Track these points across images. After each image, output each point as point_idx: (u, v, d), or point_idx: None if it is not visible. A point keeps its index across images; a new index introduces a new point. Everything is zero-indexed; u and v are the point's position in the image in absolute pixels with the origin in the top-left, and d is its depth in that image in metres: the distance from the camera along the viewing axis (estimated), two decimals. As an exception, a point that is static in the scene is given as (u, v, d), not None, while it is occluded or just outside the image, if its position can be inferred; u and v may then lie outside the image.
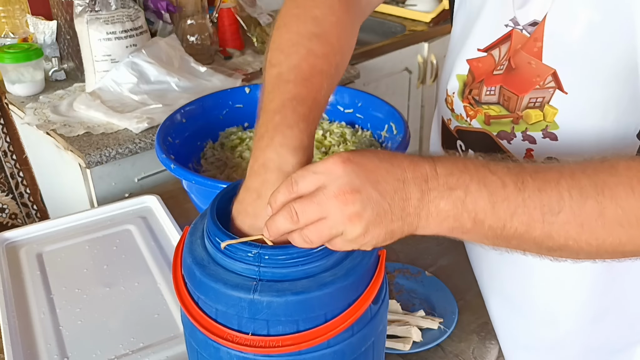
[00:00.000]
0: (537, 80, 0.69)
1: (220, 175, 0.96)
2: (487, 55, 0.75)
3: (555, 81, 0.67)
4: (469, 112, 0.78)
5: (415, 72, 2.07)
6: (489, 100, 0.75)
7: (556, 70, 0.67)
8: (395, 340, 0.80)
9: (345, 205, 0.48)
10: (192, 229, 0.58)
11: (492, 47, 0.74)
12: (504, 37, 0.72)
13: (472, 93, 0.76)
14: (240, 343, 0.51)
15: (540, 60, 0.68)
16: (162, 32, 1.71)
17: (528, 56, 0.69)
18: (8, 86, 1.53)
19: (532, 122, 0.71)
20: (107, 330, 0.80)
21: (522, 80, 0.70)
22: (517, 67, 0.70)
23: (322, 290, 0.50)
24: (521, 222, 0.50)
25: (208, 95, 1.07)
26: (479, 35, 0.75)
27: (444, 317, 0.84)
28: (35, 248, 0.96)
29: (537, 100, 0.70)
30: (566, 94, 0.67)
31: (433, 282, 0.91)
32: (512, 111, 0.72)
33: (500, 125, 0.75)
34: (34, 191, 1.71)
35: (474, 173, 0.50)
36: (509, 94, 0.72)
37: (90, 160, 1.24)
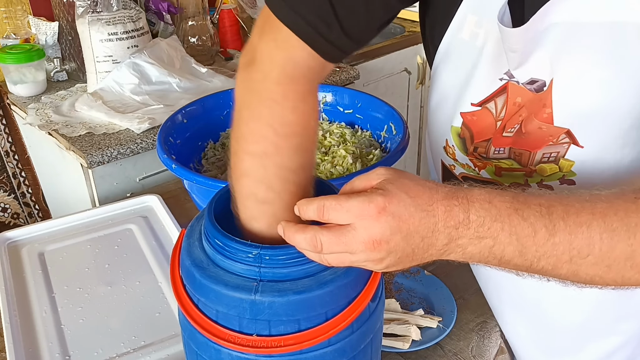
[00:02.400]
0: (549, 139, 0.66)
1: (221, 175, 0.97)
2: (482, 109, 0.72)
3: (570, 137, 0.65)
4: (477, 163, 0.74)
5: (415, 72, 2.08)
6: (498, 156, 0.72)
7: (570, 129, 0.64)
8: (394, 339, 0.80)
9: (371, 252, 0.49)
10: (189, 231, 0.58)
11: (487, 101, 0.71)
12: (499, 90, 0.69)
13: (478, 150, 0.73)
14: (242, 344, 0.51)
15: (551, 124, 0.65)
16: (163, 33, 1.71)
17: (538, 122, 0.66)
18: (10, 87, 1.54)
19: (547, 174, 0.69)
20: (108, 328, 0.81)
21: (534, 140, 0.68)
22: (527, 132, 0.67)
23: (323, 288, 0.51)
24: (548, 263, 0.51)
25: (209, 96, 1.07)
26: (473, 90, 0.71)
27: (442, 315, 0.84)
28: (37, 247, 0.97)
29: (551, 155, 0.67)
30: (582, 148, 0.65)
31: (432, 281, 0.92)
32: (525, 165, 0.70)
33: (512, 178, 0.72)
34: (36, 191, 1.72)
35: (506, 220, 0.50)
36: (520, 151, 0.69)
37: (91, 160, 1.24)
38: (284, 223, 0.52)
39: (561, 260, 0.51)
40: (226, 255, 0.52)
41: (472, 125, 0.73)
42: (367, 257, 0.49)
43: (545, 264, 0.51)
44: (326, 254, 0.50)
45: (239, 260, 0.51)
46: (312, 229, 0.50)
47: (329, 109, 1.09)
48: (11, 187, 1.67)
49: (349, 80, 1.70)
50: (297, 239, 0.50)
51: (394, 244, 0.49)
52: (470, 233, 0.50)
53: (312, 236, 0.49)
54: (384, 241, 0.48)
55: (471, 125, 0.73)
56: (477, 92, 0.71)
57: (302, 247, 0.51)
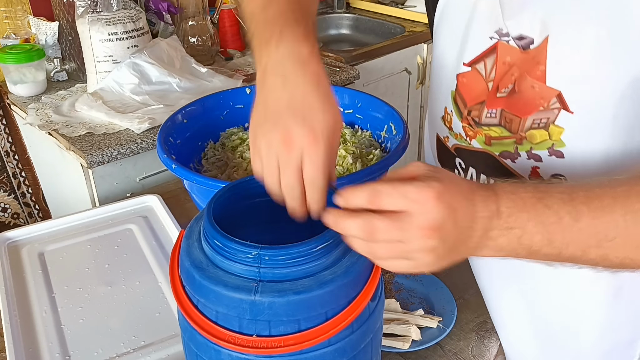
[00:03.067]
0: (540, 102, 0.67)
1: (221, 176, 0.97)
2: (471, 70, 0.73)
3: (560, 102, 0.66)
4: (468, 132, 0.76)
5: (415, 72, 2.08)
6: (489, 122, 0.73)
7: (561, 92, 0.65)
8: (394, 339, 0.80)
9: (427, 239, 0.48)
10: (188, 232, 0.58)
11: (477, 61, 0.72)
12: (489, 49, 0.70)
13: (472, 114, 0.74)
14: (242, 345, 0.51)
15: (544, 83, 0.66)
16: (163, 33, 1.71)
17: (531, 80, 0.66)
18: (10, 87, 1.54)
19: (536, 141, 0.70)
20: (108, 328, 0.81)
21: (525, 103, 0.68)
22: (519, 91, 0.68)
23: (323, 288, 0.51)
24: (577, 249, 0.52)
25: (209, 96, 1.07)
26: (466, 49, 0.73)
27: (443, 315, 0.84)
28: (37, 247, 0.97)
29: (541, 121, 0.68)
30: (572, 114, 0.65)
31: (432, 281, 0.92)
32: (515, 132, 0.71)
33: (502, 146, 0.73)
34: (36, 191, 1.72)
35: (531, 210, 0.51)
36: (510, 116, 0.70)
37: (92, 160, 1.25)
38: (331, 209, 0.51)
39: (589, 244, 0.51)
40: (225, 256, 0.52)
41: (463, 88, 0.74)
42: (421, 246, 0.48)
43: (574, 250, 0.52)
44: (378, 243, 0.48)
45: (239, 261, 0.51)
46: (366, 213, 0.48)
47: (329, 109, 1.09)
48: (11, 187, 1.67)
49: (349, 80, 1.70)
50: (347, 224, 0.49)
51: (446, 231, 0.48)
52: (501, 224, 0.50)
53: (366, 221, 0.48)
54: (440, 227, 0.48)
55: (462, 89, 0.74)
56: (470, 51, 0.72)
57: (352, 234, 0.49)
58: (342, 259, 0.53)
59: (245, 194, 0.62)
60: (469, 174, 0.78)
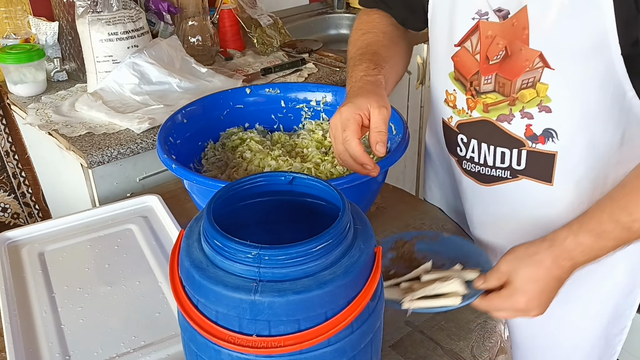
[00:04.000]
0: (526, 64, 0.80)
1: (221, 176, 0.97)
2: (461, 49, 0.87)
3: (543, 61, 0.79)
4: (470, 104, 0.89)
5: (415, 73, 2.07)
6: (486, 89, 0.86)
7: (542, 52, 0.78)
8: (443, 298, 0.77)
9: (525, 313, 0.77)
10: (188, 232, 0.58)
11: (465, 40, 0.86)
12: (472, 29, 0.84)
13: (473, 84, 0.87)
14: (242, 344, 0.51)
15: (527, 45, 0.79)
16: (163, 33, 1.71)
17: (520, 43, 0.80)
18: (10, 87, 1.54)
19: (527, 100, 0.83)
20: (108, 328, 0.81)
21: (514, 65, 0.82)
22: (512, 54, 0.81)
23: (323, 288, 0.51)
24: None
25: (209, 96, 1.07)
26: (454, 32, 0.87)
27: (479, 266, 0.82)
28: (37, 247, 0.97)
29: (529, 81, 0.81)
30: (553, 70, 0.79)
31: (455, 241, 0.90)
32: (508, 95, 0.84)
33: (498, 110, 0.86)
34: (36, 191, 1.72)
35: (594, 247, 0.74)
36: (503, 80, 0.84)
37: (91, 160, 1.25)
38: None
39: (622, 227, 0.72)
40: (225, 256, 0.52)
41: (459, 66, 0.89)
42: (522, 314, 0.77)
43: None
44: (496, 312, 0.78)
45: (238, 261, 0.51)
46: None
47: (329, 109, 1.09)
48: (11, 187, 1.67)
49: (349, 80, 1.70)
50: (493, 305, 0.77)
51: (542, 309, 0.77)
52: (580, 264, 0.75)
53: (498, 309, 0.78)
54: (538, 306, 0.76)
55: (459, 67, 0.89)
56: (457, 33, 0.87)
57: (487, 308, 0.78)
58: (341, 259, 0.53)
59: (245, 194, 0.62)
60: (471, 146, 0.93)
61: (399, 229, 1.04)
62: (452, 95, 0.92)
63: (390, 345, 0.81)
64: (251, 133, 1.05)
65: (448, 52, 0.89)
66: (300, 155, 1.00)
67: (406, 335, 0.83)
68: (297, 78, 1.62)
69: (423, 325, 0.84)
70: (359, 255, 0.54)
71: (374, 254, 0.57)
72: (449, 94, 0.93)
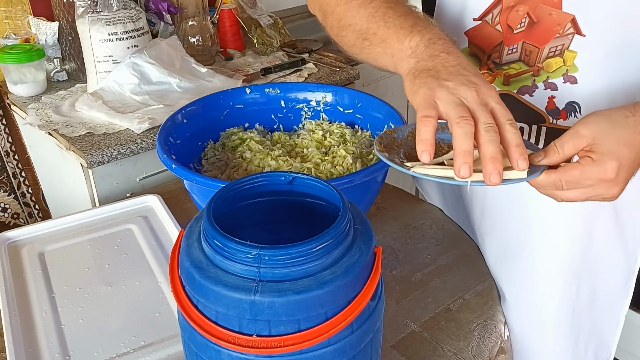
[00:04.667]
0: (557, 29, 0.76)
1: (221, 176, 0.97)
2: (482, 23, 0.83)
3: (574, 26, 0.75)
4: (487, 78, 0.84)
5: (416, 72, 2.08)
6: (510, 59, 0.82)
7: (575, 16, 0.75)
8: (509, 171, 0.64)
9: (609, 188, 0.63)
10: (188, 232, 0.58)
11: (486, 13, 0.82)
12: (496, 1, 0.80)
13: (492, 57, 0.84)
14: (242, 345, 0.51)
15: (560, 9, 0.75)
16: (163, 33, 1.71)
17: (549, 8, 0.76)
18: (10, 87, 1.54)
19: (552, 69, 0.79)
20: (108, 328, 0.81)
21: (544, 31, 0.78)
22: (538, 20, 0.78)
23: (323, 288, 0.51)
24: None
25: (209, 96, 1.07)
26: (473, 6, 0.82)
27: None
28: (37, 247, 0.97)
29: (557, 49, 0.78)
30: (584, 37, 0.75)
31: None
32: (532, 65, 0.80)
33: (520, 82, 0.83)
34: (36, 191, 1.72)
35: None
36: (530, 47, 0.80)
37: (92, 160, 1.25)
38: None
39: None
40: (225, 256, 0.52)
41: (476, 40, 0.84)
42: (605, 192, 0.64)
43: None
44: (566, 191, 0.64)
45: (238, 261, 0.51)
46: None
47: (329, 109, 1.09)
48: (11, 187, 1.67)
49: (349, 80, 1.70)
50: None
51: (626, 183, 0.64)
52: None
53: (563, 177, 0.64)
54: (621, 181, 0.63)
55: (476, 41, 0.84)
56: (477, 7, 0.82)
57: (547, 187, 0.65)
58: (341, 259, 0.53)
59: (245, 194, 0.62)
60: None
61: (399, 229, 1.05)
62: None
63: (390, 345, 0.81)
64: (251, 133, 1.05)
65: (461, 27, 0.85)
66: (300, 155, 1.00)
67: (406, 335, 0.83)
68: (297, 78, 1.62)
69: (423, 325, 0.84)
70: (359, 255, 0.54)
71: (374, 254, 0.57)
72: None
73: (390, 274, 0.94)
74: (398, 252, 0.99)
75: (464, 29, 0.85)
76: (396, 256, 0.98)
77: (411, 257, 0.98)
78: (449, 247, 1.00)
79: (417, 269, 0.95)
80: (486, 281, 0.93)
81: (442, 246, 1.01)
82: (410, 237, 1.03)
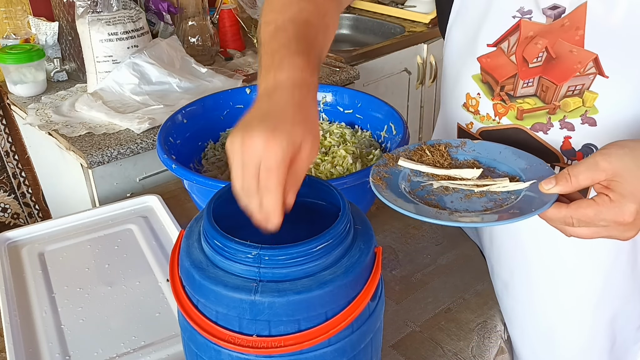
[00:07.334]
0: (578, 67, 0.71)
1: (221, 176, 0.97)
2: (496, 50, 0.77)
3: (596, 66, 0.70)
4: (499, 109, 0.80)
5: (415, 72, 2.08)
6: (525, 93, 0.77)
7: (598, 55, 0.69)
8: None
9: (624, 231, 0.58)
10: (188, 232, 0.58)
11: (502, 40, 0.76)
12: (512, 28, 0.75)
13: (505, 89, 0.78)
14: (242, 345, 0.51)
15: (582, 47, 0.70)
16: (163, 33, 1.71)
17: (569, 45, 0.71)
18: (10, 87, 1.54)
19: (570, 109, 0.73)
20: (108, 328, 0.81)
21: (563, 68, 0.72)
22: (557, 57, 0.73)
23: (323, 288, 0.51)
24: None
25: (209, 96, 1.07)
26: (488, 31, 0.77)
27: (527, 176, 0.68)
28: (37, 247, 0.97)
29: (575, 88, 0.72)
30: (607, 78, 0.70)
31: (486, 147, 0.74)
32: (549, 102, 0.75)
33: (534, 118, 0.77)
34: (36, 191, 1.72)
35: None
36: (547, 83, 0.74)
37: (92, 160, 1.25)
38: None
39: None
40: (225, 256, 0.52)
41: (488, 67, 0.79)
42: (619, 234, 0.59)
43: None
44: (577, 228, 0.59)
45: (239, 261, 0.51)
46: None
47: (329, 109, 1.09)
48: (11, 187, 1.67)
49: (349, 80, 1.70)
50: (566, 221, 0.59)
51: None
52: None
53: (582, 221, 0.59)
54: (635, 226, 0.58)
55: (488, 68, 0.79)
56: (492, 32, 0.77)
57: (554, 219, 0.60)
58: (342, 259, 0.53)
59: (245, 194, 0.62)
60: None
61: (399, 229, 1.05)
62: (474, 99, 0.82)
63: (390, 345, 0.81)
64: (251, 133, 1.05)
65: (474, 51, 0.80)
66: (300, 155, 0.99)
67: (406, 335, 0.83)
68: (297, 78, 1.62)
69: (423, 326, 0.84)
70: (359, 255, 0.54)
71: (374, 254, 0.57)
72: (471, 98, 0.83)
73: (390, 274, 0.94)
74: (398, 252, 0.99)
75: (477, 54, 0.79)
76: (396, 256, 0.98)
77: (411, 257, 0.98)
78: (449, 247, 1.00)
79: (417, 269, 0.95)
80: (486, 281, 0.93)
81: (442, 246, 1.01)
82: (410, 237, 1.03)
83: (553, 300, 0.87)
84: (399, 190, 0.67)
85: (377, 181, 0.67)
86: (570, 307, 0.87)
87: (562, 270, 0.85)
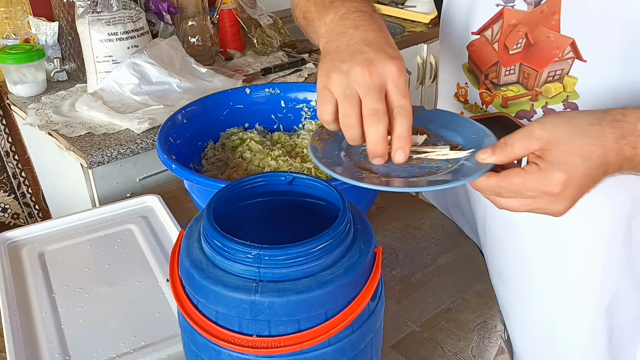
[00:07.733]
0: (556, 53, 0.72)
1: (221, 176, 0.97)
2: (480, 37, 0.79)
3: (574, 51, 0.71)
4: (486, 98, 0.81)
5: (415, 73, 2.08)
6: (508, 80, 0.78)
7: (575, 39, 0.70)
8: None
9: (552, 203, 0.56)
10: (188, 232, 0.58)
11: (485, 28, 0.78)
12: (495, 16, 0.76)
13: (489, 77, 0.80)
14: (242, 345, 0.51)
15: (558, 32, 0.71)
16: (163, 33, 1.71)
17: (547, 30, 0.72)
18: (10, 87, 1.54)
19: (551, 95, 0.74)
20: (108, 328, 0.81)
21: (541, 54, 0.73)
22: (535, 43, 0.74)
23: (323, 288, 0.51)
24: None
25: (209, 96, 1.07)
26: (474, 19, 0.79)
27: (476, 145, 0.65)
28: (37, 247, 0.97)
29: (555, 73, 0.73)
30: (585, 62, 0.70)
31: (443, 116, 0.72)
32: (531, 89, 0.76)
33: (518, 106, 0.78)
34: (36, 191, 1.72)
35: None
36: (528, 70, 0.75)
37: (92, 160, 1.25)
38: None
39: None
40: (225, 256, 0.52)
41: (474, 56, 0.81)
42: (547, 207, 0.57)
43: None
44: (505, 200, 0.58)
45: (238, 261, 0.51)
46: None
47: (328, 109, 1.09)
48: (11, 187, 1.67)
49: (349, 80, 1.70)
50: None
51: (575, 200, 0.56)
52: (635, 163, 0.56)
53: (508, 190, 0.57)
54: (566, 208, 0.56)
55: (474, 57, 0.80)
56: (477, 20, 0.78)
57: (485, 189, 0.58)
58: (341, 259, 0.53)
59: (245, 194, 0.62)
60: None
61: (399, 229, 1.04)
62: (463, 89, 0.84)
63: (390, 345, 0.81)
64: (251, 133, 1.05)
65: (463, 40, 0.81)
66: (300, 155, 0.99)
67: (406, 335, 0.83)
68: (297, 78, 1.62)
69: (423, 325, 0.84)
70: (359, 255, 0.54)
71: (374, 254, 0.57)
72: (460, 88, 0.85)
73: (390, 274, 0.94)
74: (398, 252, 0.99)
75: (465, 43, 0.80)
76: (396, 256, 0.98)
77: (411, 257, 0.98)
78: (449, 247, 1.00)
79: (417, 269, 0.95)
80: (486, 281, 0.93)
81: (442, 246, 1.01)
82: (410, 237, 1.03)
83: (550, 291, 0.88)
84: (335, 152, 0.66)
85: (315, 142, 0.66)
86: (568, 297, 0.87)
87: (558, 260, 0.85)
